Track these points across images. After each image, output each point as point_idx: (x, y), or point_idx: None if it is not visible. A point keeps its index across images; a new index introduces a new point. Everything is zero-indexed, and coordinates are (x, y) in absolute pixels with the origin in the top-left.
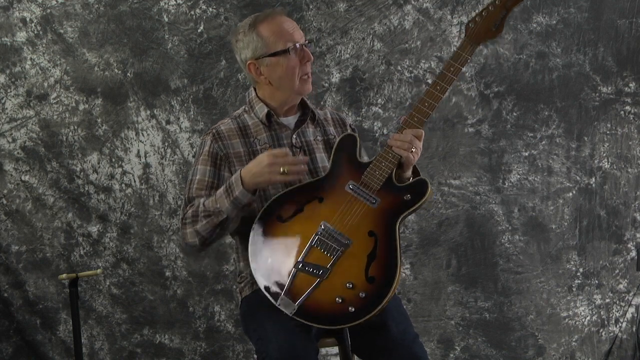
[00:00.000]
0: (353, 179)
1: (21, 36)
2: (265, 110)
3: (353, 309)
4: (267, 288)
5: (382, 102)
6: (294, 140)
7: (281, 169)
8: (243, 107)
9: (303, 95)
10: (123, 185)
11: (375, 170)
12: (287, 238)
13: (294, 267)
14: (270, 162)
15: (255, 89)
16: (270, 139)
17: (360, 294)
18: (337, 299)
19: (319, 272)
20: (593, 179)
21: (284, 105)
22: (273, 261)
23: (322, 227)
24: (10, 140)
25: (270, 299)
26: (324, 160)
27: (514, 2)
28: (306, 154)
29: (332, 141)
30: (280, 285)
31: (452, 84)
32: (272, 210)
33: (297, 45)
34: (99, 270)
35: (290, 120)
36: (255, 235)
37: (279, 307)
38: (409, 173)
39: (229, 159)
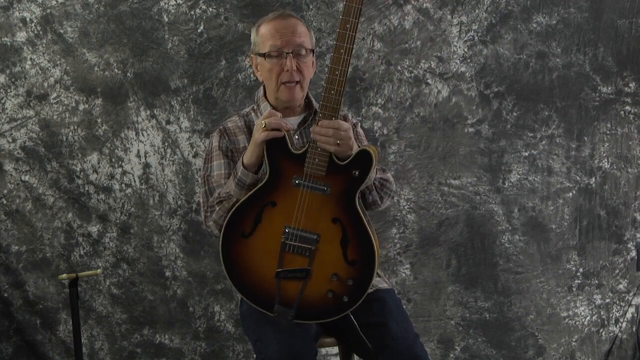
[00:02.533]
0: (296, 173)
1: (21, 36)
2: (269, 109)
3: (347, 299)
4: (259, 304)
5: (382, 102)
6: (295, 141)
7: (261, 124)
8: (252, 105)
9: (287, 103)
10: (123, 185)
11: (314, 158)
12: (257, 253)
13: (275, 277)
14: (257, 124)
15: (263, 87)
16: None
17: (348, 281)
18: (327, 293)
19: (301, 274)
20: (593, 179)
21: (280, 105)
22: (253, 278)
23: (286, 231)
24: (10, 140)
25: (266, 312)
26: None
27: None
28: None
29: None
30: (270, 298)
31: (354, 42)
32: (233, 227)
33: (279, 51)
34: (99, 270)
35: (294, 120)
36: (228, 260)
37: (276, 317)
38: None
39: (233, 152)
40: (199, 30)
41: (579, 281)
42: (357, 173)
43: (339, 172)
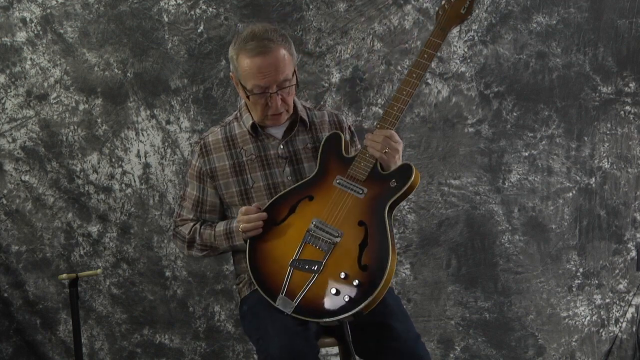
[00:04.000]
0: (340, 173)
1: (21, 36)
2: (251, 121)
3: (348, 298)
4: (265, 290)
5: (382, 102)
6: (280, 151)
7: (240, 227)
8: (235, 112)
9: (271, 127)
10: (123, 185)
11: (360, 162)
12: (281, 239)
13: (289, 265)
14: (244, 224)
15: None
16: (256, 150)
17: (354, 282)
18: (332, 289)
19: (313, 267)
20: (593, 179)
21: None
22: (270, 264)
23: (313, 223)
24: (10, 140)
25: (269, 300)
26: (312, 170)
27: None
28: (293, 163)
29: None
30: (278, 286)
31: (427, 70)
32: (269, 215)
33: (263, 90)
34: (99, 270)
35: (278, 130)
36: (252, 242)
37: (277, 307)
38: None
39: (212, 173)
40: (199, 30)
41: (579, 281)
42: (394, 183)
43: (379, 180)
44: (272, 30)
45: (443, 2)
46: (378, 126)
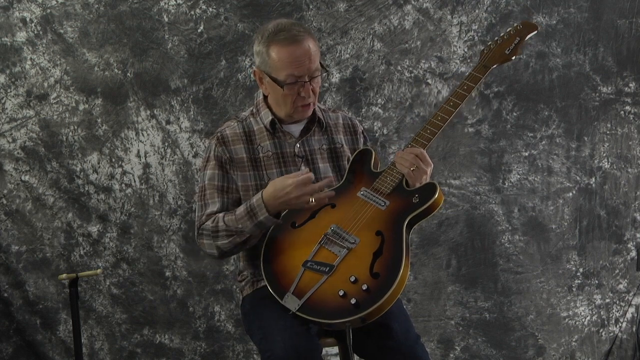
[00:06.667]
0: (365, 185)
1: (21, 36)
2: (270, 117)
3: (354, 301)
4: (273, 287)
5: (382, 102)
6: (296, 150)
7: (310, 200)
8: (251, 108)
9: (299, 120)
10: (123, 185)
11: (386, 177)
12: (298, 241)
13: (302, 265)
14: (298, 195)
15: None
16: (273, 147)
17: (363, 286)
18: (339, 292)
19: (325, 269)
20: (593, 179)
21: (288, 118)
22: (283, 262)
23: (331, 228)
24: (10, 140)
25: (277, 297)
26: (327, 171)
27: (528, 31)
28: (309, 163)
29: (339, 150)
30: (288, 284)
31: (464, 99)
32: (287, 218)
33: (296, 79)
34: (99, 270)
35: (296, 128)
36: (269, 242)
37: (284, 304)
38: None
39: (232, 162)
40: (199, 30)
41: (579, 281)
42: (417, 199)
43: (402, 195)
44: (297, 24)
45: (489, 43)
46: (410, 145)
